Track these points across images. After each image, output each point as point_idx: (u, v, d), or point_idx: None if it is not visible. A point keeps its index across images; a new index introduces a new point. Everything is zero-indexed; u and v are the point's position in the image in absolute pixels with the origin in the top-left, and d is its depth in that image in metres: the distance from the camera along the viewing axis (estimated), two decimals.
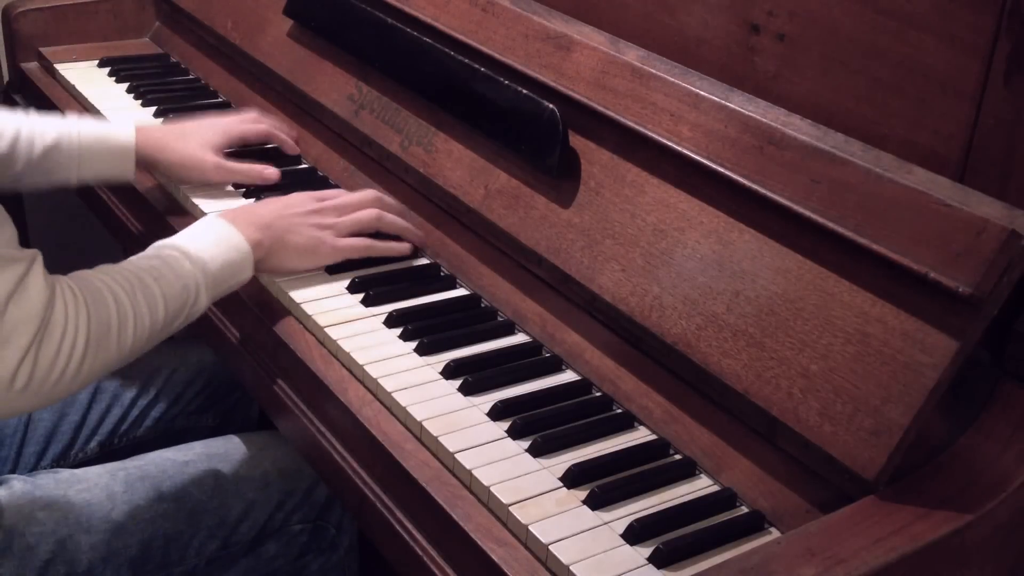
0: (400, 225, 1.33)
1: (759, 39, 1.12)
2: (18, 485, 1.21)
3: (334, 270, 1.28)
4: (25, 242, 1.05)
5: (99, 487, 1.23)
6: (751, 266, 1.01)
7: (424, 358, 1.14)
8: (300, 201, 1.29)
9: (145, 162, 1.42)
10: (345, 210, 1.30)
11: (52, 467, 1.38)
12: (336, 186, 1.48)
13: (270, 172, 1.44)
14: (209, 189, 1.43)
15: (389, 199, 1.35)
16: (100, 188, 1.56)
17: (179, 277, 1.11)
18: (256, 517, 1.29)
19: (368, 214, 1.30)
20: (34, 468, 1.37)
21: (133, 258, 1.13)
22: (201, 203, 1.40)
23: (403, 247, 1.31)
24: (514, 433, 1.03)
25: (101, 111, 1.67)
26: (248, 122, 1.50)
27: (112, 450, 1.42)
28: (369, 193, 1.34)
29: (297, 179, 1.49)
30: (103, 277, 1.06)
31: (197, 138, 1.43)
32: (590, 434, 1.04)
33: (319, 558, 1.34)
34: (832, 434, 0.91)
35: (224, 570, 1.28)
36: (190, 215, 1.40)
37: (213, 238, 1.18)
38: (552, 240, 1.18)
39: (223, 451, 1.33)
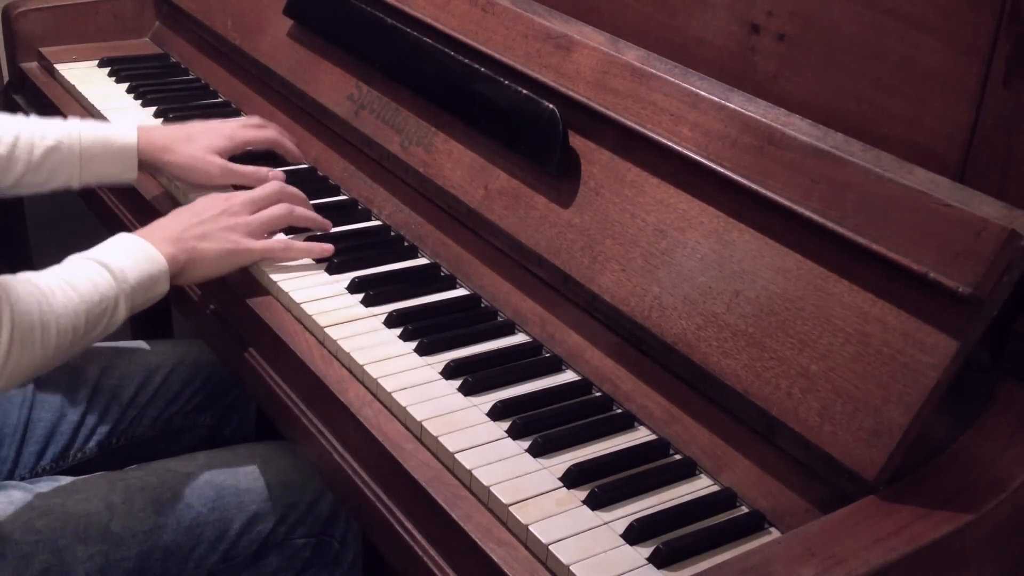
0: (309, 217, 1.33)
1: (759, 39, 1.12)
2: (17, 494, 1.20)
3: (334, 270, 1.28)
4: (25, 244, 1.05)
5: (98, 497, 1.22)
6: (751, 266, 1.01)
7: (424, 358, 1.14)
8: (209, 205, 1.28)
9: (149, 163, 1.42)
10: (255, 207, 1.30)
11: (52, 467, 1.37)
12: (336, 187, 1.48)
13: (274, 175, 1.43)
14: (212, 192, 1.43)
15: (291, 188, 1.35)
16: (106, 195, 1.56)
17: (97, 286, 1.12)
18: (258, 530, 1.27)
19: (278, 210, 1.30)
20: (34, 467, 1.37)
21: (52, 267, 1.14)
22: None
23: (325, 248, 1.30)
24: (514, 433, 1.03)
25: (101, 111, 1.67)
26: (253, 127, 1.50)
27: (111, 449, 1.42)
28: (273, 185, 1.34)
29: (297, 179, 1.49)
30: (24, 283, 1.07)
31: (203, 141, 1.43)
32: (590, 434, 1.04)
33: (322, 573, 1.32)
34: (832, 434, 0.91)
35: None
36: None
37: (129, 252, 1.18)
38: (552, 240, 1.18)
39: (225, 462, 1.31)
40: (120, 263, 1.16)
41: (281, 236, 1.32)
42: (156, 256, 1.19)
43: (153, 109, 1.68)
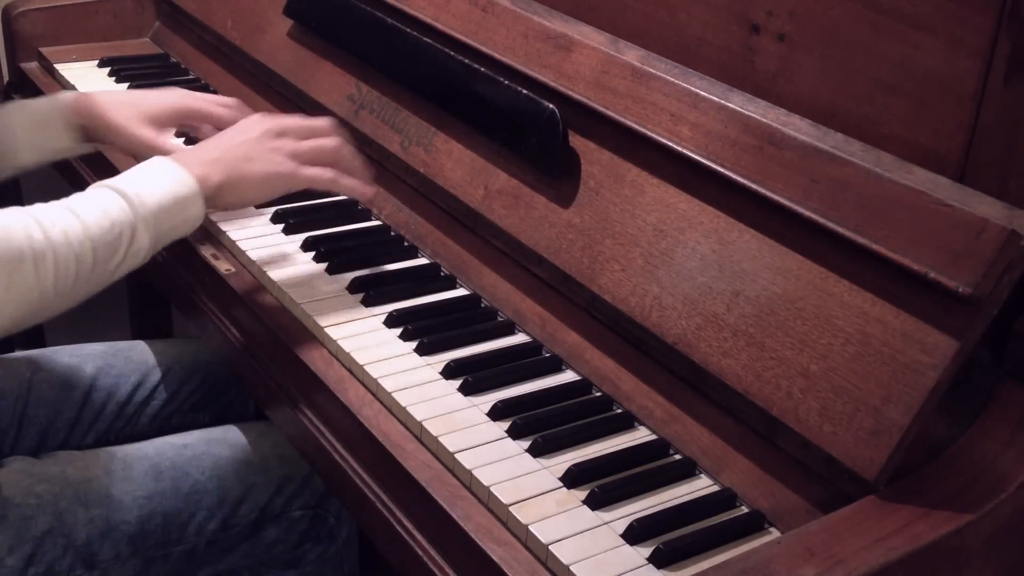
0: (357, 165, 1.27)
1: (759, 39, 1.12)
2: (17, 463, 1.23)
3: (334, 269, 1.28)
4: None
5: (97, 465, 1.24)
6: (751, 266, 1.01)
7: (424, 358, 1.14)
8: (253, 125, 1.22)
9: (83, 128, 1.35)
10: (305, 133, 1.23)
11: None
12: None
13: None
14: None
15: (344, 131, 1.29)
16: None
17: (107, 213, 1.05)
18: (256, 499, 1.29)
19: (331, 142, 1.24)
20: None
21: (65, 199, 1.07)
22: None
23: (368, 190, 1.25)
24: (514, 433, 1.03)
25: None
26: (202, 100, 1.40)
27: (108, 445, 1.42)
28: (327, 120, 1.27)
29: None
30: (14, 212, 1.01)
31: (139, 108, 1.35)
32: (590, 434, 1.04)
33: (317, 547, 1.34)
34: (832, 434, 0.91)
35: (225, 553, 1.28)
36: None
37: (153, 174, 1.11)
38: (552, 240, 1.18)
39: (221, 436, 1.33)
40: (138, 187, 1.09)
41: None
42: (184, 177, 1.12)
43: None
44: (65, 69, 1.80)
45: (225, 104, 1.41)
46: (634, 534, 0.91)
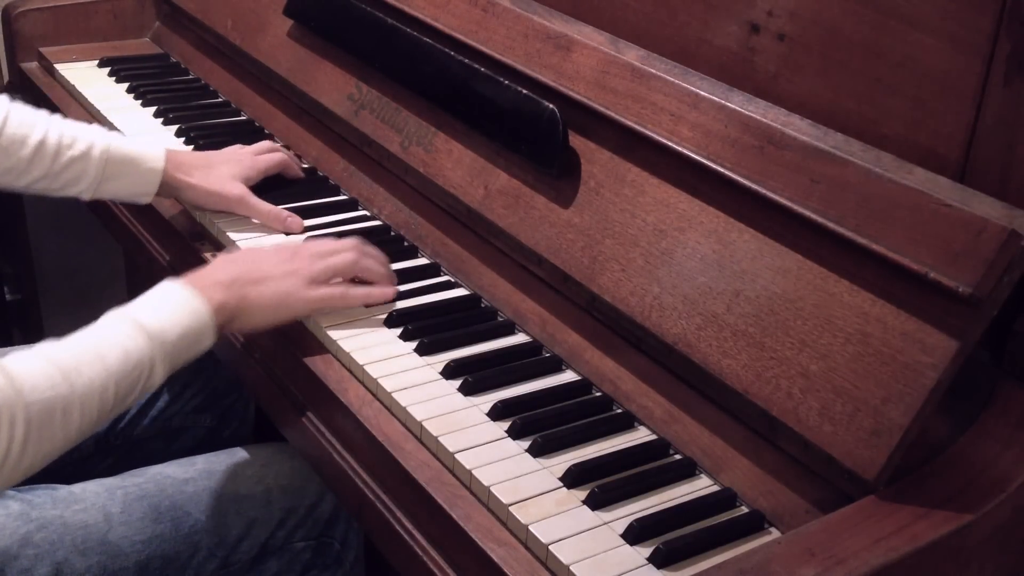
0: (378, 272, 1.24)
1: (759, 39, 1.12)
2: (15, 506, 1.20)
3: None
4: (25, 243, 1.03)
5: (96, 507, 1.21)
6: (751, 266, 1.01)
7: (424, 358, 1.14)
8: (272, 251, 1.21)
9: (168, 188, 1.39)
10: (322, 255, 1.21)
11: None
12: (336, 186, 1.48)
13: (292, 222, 1.38)
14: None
15: (371, 248, 1.25)
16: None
17: (129, 355, 1.04)
18: (257, 535, 1.26)
19: (344, 259, 1.21)
20: None
21: (81, 333, 1.05)
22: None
23: (386, 292, 1.23)
24: (514, 433, 1.03)
25: (101, 111, 1.67)
26: (265, 151, 1.46)
27: (109, 447, 1.42)
28: (349, 240, 1.24)
29: (297, 179, 1.49)
30: (42, 363, 0.99)
31: (224, 170, 1.40)
32: (590, 434, 1.04)
33: (324, 573, 1.32)
34: (832, 434, 0.91)
35: None
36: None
37: (172, 307, 1.09)
38: (552, 240, 1.18)
39: (224, 467, 1.30)
40: (159, 323, 1.07)
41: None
42: (201, 309, 1.10)
43: (153, 109, 1.68)
44: (65, 69, 1.80)
45: (267, 148, 1.48)
46: (634, 534, 0.91)
